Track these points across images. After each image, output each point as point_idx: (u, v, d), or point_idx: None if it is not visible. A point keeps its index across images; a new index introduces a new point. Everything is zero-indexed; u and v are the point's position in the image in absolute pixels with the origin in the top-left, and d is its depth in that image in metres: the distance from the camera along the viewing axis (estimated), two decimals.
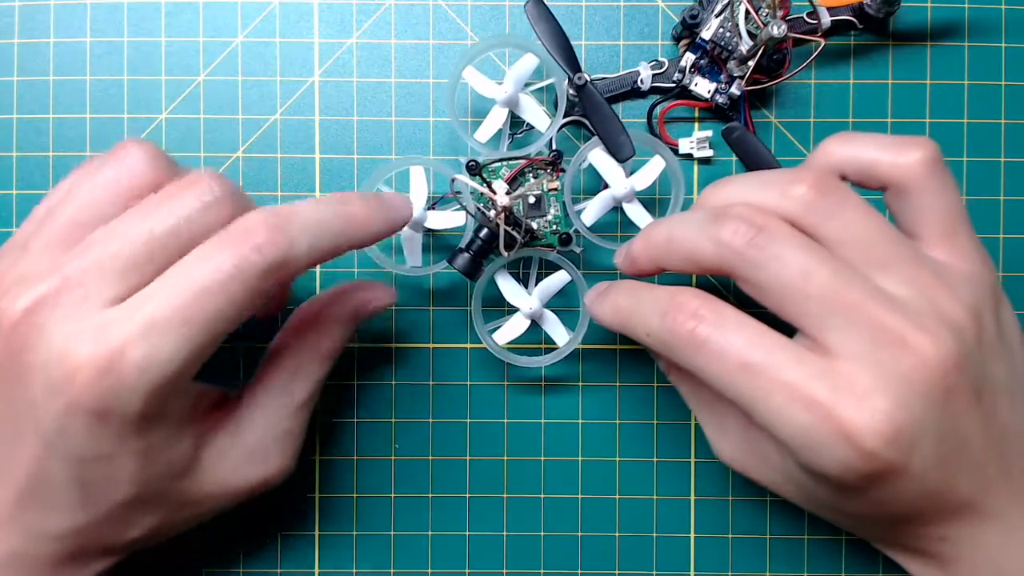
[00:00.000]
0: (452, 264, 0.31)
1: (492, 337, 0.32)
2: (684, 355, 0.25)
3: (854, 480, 0.23)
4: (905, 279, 0.24)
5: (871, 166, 0.26)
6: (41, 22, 0.34)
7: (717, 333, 0.24)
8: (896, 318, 0.23)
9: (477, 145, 0.32)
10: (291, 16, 0.34)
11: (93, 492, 0.25)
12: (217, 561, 0.34)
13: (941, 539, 0.25)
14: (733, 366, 0.24)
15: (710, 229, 0.25)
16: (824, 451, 0.23)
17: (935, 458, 0.23)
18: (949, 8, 0.34)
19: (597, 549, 0.34)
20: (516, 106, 0.31)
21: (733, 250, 0.24)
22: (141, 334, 0.23)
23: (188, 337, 0.23)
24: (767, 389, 0.23)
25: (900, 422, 0.22)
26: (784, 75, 0.33)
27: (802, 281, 0.23)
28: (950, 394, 0.23)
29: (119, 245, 0.24)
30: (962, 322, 0.24)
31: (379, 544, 0.34)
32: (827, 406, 0.22)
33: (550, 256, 0.32)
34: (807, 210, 0.25)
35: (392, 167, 0.32)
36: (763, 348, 0.23)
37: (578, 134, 0.34)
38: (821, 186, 0.25)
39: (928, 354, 0.23)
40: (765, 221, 0.24)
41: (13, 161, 0.34)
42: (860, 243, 0.24)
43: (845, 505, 0.25)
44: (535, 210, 0.32)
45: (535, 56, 0.31)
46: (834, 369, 0.23)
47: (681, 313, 0.24)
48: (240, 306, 0.24)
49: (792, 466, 0.25)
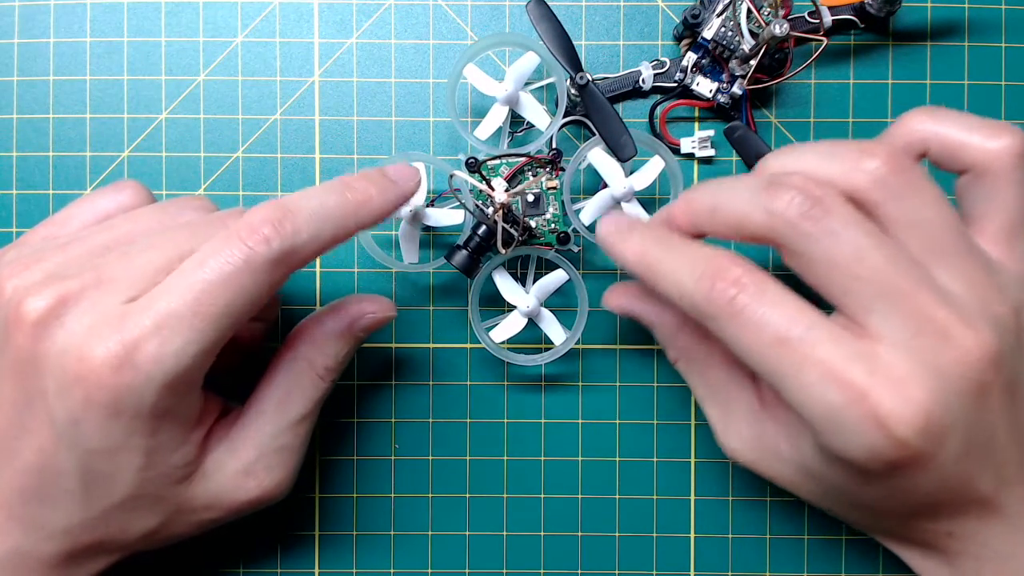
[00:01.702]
0: (450, 261, 0.31)
1: (489, 335, 0.32)
2: (717, 323, 0.24)
3: (878, 467, 0.23)
4: (959, 273, 0.24)
5: (959, 147, 0.25)
6: (41, 22, 0.34)
7: (756, 303, 0.23)
8: (943, 310, 0.23)
9: (477, 143, 0.32)
10: (291, 16, 0.34)
11: (94, 487, 0.25)
12: (217, 561, 0.34)
13: (948, 534, 0.25)
14: (768, 339, 0.23)
15: (763, 197, 0.24)
16: (852, 434, 0.22)
17: (961, 452, 0.23)
18: (949, 8, 0.34)
19: (597, 549, 0.34)
20: (516, 104, 0.31)
21: (786, 220, 0.23)
22: (155, 328, 0.23)
23: (200, 330, 0.24)
24: (800, 365, 0.23)
25: (933, 413, 0.22)
26: (786, 74, 0.33)
27: (854, 261, 0.23)
28: (985, 391, 0.23)
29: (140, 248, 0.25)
30: (1006, 322, 0.24)
31: (379, 544, 0.34)
32: (862, 388, 0.22)
33: (548, 255, 0.32)
34: (876, 186, 0.24)
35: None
36: (802, 324, 0.23)
37: (578, 133, 0.34)
38: (895, 163, 0.24)
39: (970, 349, 0.22)
40: (823, 193, 0.23)
41: (13, 161, 0.34)
42: (923, 229, 0.24)
43: (860, 493, 0.25)
44: (534, 208, 0.32)
45: (536, 54, 0.31)
46: (873, 352, 0.23)
47: (722, 280, 0.23)
48: (250, 298, 0.24)
49: (808, 453, 0.25)
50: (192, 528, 0.28)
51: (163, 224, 0.27)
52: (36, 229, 0.28)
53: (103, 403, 0.23)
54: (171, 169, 0.34)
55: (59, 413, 0.24)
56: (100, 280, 0.25)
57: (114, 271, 0.25)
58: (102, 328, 0.23)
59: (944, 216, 0.24)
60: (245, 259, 0.24)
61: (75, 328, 0.24)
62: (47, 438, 0.25)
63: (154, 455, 0.25)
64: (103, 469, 0.25)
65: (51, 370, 0.24)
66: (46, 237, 0.28)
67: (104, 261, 0.25)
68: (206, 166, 0.34)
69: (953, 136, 0.25)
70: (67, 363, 0.24)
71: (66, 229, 0.28)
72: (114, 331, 0.23)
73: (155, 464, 0.25)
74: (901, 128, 0.26)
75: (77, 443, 0.24)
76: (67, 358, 0.24)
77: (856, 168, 0.24)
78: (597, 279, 0.34)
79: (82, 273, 0.25)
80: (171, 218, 0.27)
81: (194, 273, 0.24)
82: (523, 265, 0.34)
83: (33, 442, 0.25)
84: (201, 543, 0.34)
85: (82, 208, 0.28)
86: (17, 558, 0.26)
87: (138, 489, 0.26)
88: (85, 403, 0.24)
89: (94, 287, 0.24)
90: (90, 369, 0.23)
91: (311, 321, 0.29)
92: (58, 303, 0.24)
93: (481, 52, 0.32)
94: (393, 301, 0.34)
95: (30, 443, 0.25)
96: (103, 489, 0.25)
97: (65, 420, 0.24)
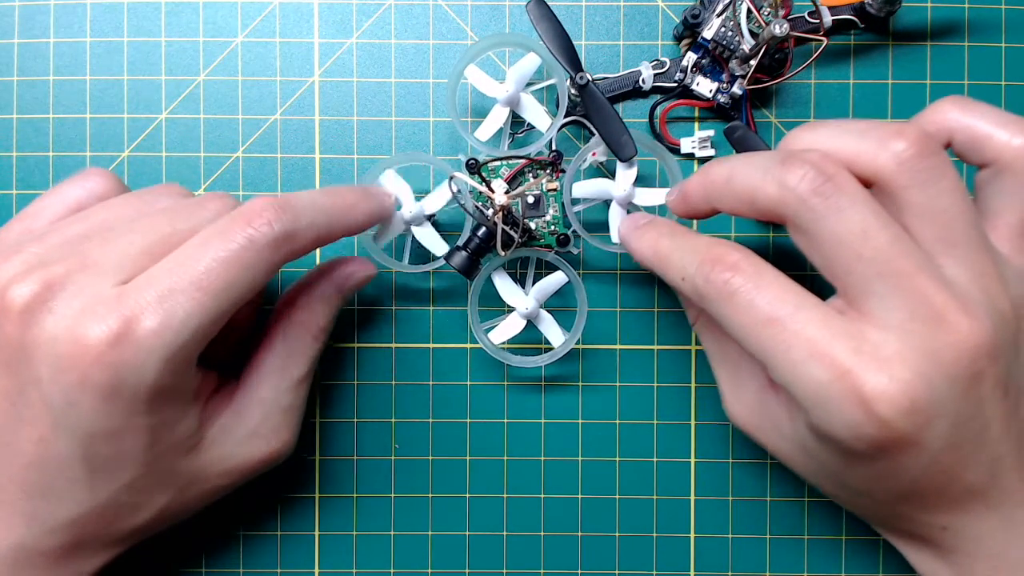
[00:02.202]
0: (449, 262, 0.31)
1: (488, 336, 0.32)
2: (714, 304, 0.25)
3: (863, 447, 0.23)
4: (966, 264, 0.24)
5: (984, 139, 0.25)
6: (41, 22, 0.34)
7: (749, 285, 0.24)
8: (943, 295, 0.23)
9: (478, 143, 0.32)
10: (291, 16, 0.34)
11: (101, 472, 0.25)
12: (217, 561, 0.34)
13: (943, 528, 0.25)
14: (759, 319, 0.24)
15: (776, 171, 0.24)
16: (836, 412, 0.23)
17: (950, 439, 0.23)
18: (949, 8, 0.34)
19: (597, 549, 0.34)
20: (517, 105, 0.31)
21: (796, 195, 0.23)
22: (158, 300, 0.24)
23: (202, 303, 0.24)
24: (788, 343, 0.23)
25: (919, 395, 0.22)
26: (786, 74, 0.33)
27: (859, 240, 0.23)
28: (978, 379, 0.23)
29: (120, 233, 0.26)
30: (1006, 316, 0.24)
31: (379, 544, 0.34)
32: (845, 366, 0.22)
33: (548, 256, 0.32)
34: (901, 168, 0.24)
35: (391, 163, 0.32)
36: (792, 304, 0.23)
37: (579, 134, 0.34)
38: (923, 148, 0.24)
39: (964, 335, 0.23)
40: (836, 171, 0.23)
41: (13, 161, 0.34)
42: (940, 218, 0.24)
43: (851, 475, 0.25)
44: (534, 210, 0.32)
45: (537, 55, 0.31)
46: (861, 332, 0.23)
47: (719, 263, 0.25)
48: (252, 277, 0.25)
49: (803, 432, 0.25)
50: (204, 498, 0.29)
51: (139, 211, 0.27)
52: (10, 225, 0.28)
53: (100, 383, 0.23)
54: (171, 169, 0.34)
55: (55, 398, 0.24)
56: (85, 264, 0.25)
57: (97, 255, 0.25)
58: (96, 308, 0.24)
59: (961, 207, 0.24)
60: (249, 239, 0.25)
61: (65, 312, 0.24)
62: (46, 426, 0.24)
63: (158, 432, 0.25)
64: (107, 452, 0.25)
65: (43, 357, 0.24)
66: (21, 232, 0.28)
67: (85, 247, 0.25)
68: (206, 166, 0.34)
69: (980, 128, 0.25)
70: (59, 347, 0.23)
71: (40, 221, 0.28)
72: (110, 310, 0.23)
73: (160, 440, 0.26)
74: (931, 115, 0.26)
75: (77, 427, 0.24)
76: (59, 343, 0.24)
77: (883, 148, 0.24)
78: (597, 281, 0.34)
79: (65, 259, 0.25)
80: (147, 204, 0.28)
81: (197, 251, 0.25)
82: (523, 266, 0.34)
83: (32, 433, 0.25)
84: (201, 542, 0.34)
85: (52, 199, 0.28)
86: (20, 553, 0.26)
87: (147, 467, 0.26)
88: (81, 385, 0.23)
89: (79, 271, 0.24)
90: (85, 350, 0.23)
91: (301, 287, 0.30)
92: (44, 288, 0.24)
93: (482, 53, 0.32)
94: (393, 299, 0.34)
95: (29, 435, 0.25)
96: (110, 472, 0.25)
97: (62, 404, 0.24)
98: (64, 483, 0.25)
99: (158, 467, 0.26)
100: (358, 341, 0.34)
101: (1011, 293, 0.24)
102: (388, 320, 0.34)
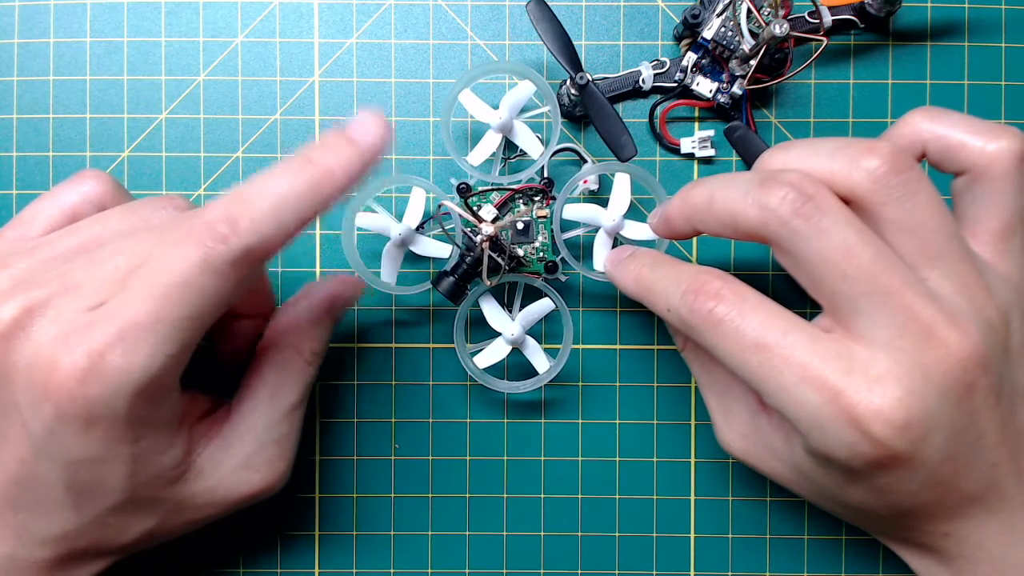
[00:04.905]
0: (436, 287, 0.31)
1: (473, 360, 0.32)
2: (701, 334, 0.25)
3: (860, 465, 0.23)
4: (950, 276, 0.24)
5: (958, 147, 0.25)
6: (41, 22, 0.34)
7: (734, 313, 0.24)
8: (929, 310, 0.23)
9: (471, 169, 0.31)
10: (291, 16, 0.34)
11: (84, 495, 0.25)
12: (217, 561, 0.34)
13: (944, 535, 0.25)
14: (748, 345, 0.23)
15: (757, 193, 0.24)
16: (832, 433, 0.23)
17: (946, 451, 0.23)
18: (949, 8, 0.34)
19: (597, 549, 0.34)
20: (510, 132, 0.31)
21: (778, 217, 0.23)
22: (118, 337, 0.23)
23: (166, 336, 0.23)
24: (779, 368, 0.23)
25: (912, 411, 0.22)
26: (786, 74, 0.33)
27: (843, 259, 0.23)
28: (970, 390, 0.23)
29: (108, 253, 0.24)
30: (994, 324, 0.24)
31: (379, 544, 0.34)
32: (837, 388, 0.22)
33: (536, 283, 0.32)
34: (876, 186, 0.23)
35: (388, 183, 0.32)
36: (779, 329, 0.23)
37: (571, 163, 0.34)
38: (895, 163, 0.23)
39: (953, 348, 0.23)
40: (816, 191, 0.23)
41: (13, 161, 0.34)
42: (918, 231, 0.24)
43: (850, 493, 0.25)
44: (523, 237, 0.32)
45: (532, 83, 0.31)
46: (851, 352, 0.23)
47: (702, 292, 0.24)
48: (214, 299, 0.23)
49: (799, 454, 0.25)
50: (192, 524, 0.28)
51: (133, 226, 0.26)
52: (3, 232, 0.27)
53: (75, 415, 0.23)
54: (171, 169, 0.34)
55: (34, 426, 0.24)
56: (66, 288, 0.24)
57: (80, 277, 0.24)
58: (68, 337, 0.23)
59: (939, 219, 0.24)
60: (204, 259, 0.23)
61: (41, 339, 0.23)
62: (26, 449, 0.24)
63: (140, 460, 0.25)
64: (89, 478, 0.25)
65: (21, 384, 0.23)
66: (15, 240, 0.27)
67: (71, 267, 0.24)
68: (206, 166, 0.34)
69: (952, 137, 0.25)
70: (35, 376, 0.23)
71: (34, 227, 0.27)
72: (79, 341, 0.23)
73: (143, 469, 0.25)
74: (901, 128, 0.26)
75: (57, 454, 0.24)
76: (35, 371, 0.23)
77: (856, 166, 0.24)
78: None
79: (49, 281, 0.24)
80: (141, 220, 0.27)
81: (153, 278, 0.23)
82: (511, 292, 0.34)
83: (14, 452, 0.24)
84: (201, 543, 0.34)
85: (46, 203, 0.27)
86: (11, 563, 0.26)
87: (131, 493, 0.25)
88: (57, 416, 0.23)
89: (60, 295, 0.24)
90: (58, 382, 0.23)
91: (289, 311, 0.30)
92: (24, 313, 0.24)
93: (477, 78, 0.32)
94: (393, 301, 0.34)
95: (11, 453, 0.25)
96: (94, 496, 0.25)
97: (41, 432, 0.24)
98: (47, 502, 0.25)
99: (142, 495, 0.26)
100: (358, 341, 0.34)
101: (997, 300, 0.24)
102: (388, 321, 0.34)
